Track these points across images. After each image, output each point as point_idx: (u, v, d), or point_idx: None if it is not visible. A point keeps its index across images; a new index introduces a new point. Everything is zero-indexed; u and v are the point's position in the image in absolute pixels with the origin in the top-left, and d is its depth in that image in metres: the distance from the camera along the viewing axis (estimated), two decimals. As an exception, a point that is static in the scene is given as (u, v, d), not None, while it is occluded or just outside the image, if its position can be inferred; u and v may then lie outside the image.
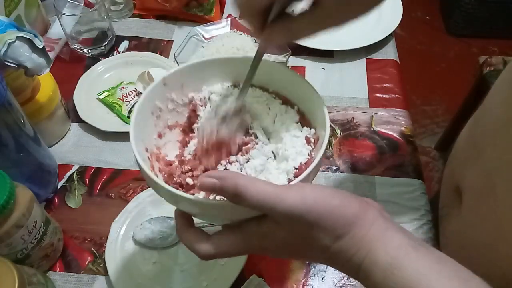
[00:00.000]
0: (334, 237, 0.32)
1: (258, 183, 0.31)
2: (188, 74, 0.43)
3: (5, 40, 0.50)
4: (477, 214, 0.48)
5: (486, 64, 1.33)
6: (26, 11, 0.78)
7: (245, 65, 0.40)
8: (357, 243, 0.32)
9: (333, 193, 0.33)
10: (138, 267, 0.57)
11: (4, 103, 0.52)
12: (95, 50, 0.82)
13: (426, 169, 1.64)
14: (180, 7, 0.86)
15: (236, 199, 0.31)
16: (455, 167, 0.58)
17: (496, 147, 0.45)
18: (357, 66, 0.81)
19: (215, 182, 0.31)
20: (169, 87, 0.42)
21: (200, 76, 0.44)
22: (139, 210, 0.61)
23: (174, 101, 0.44)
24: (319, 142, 0.39)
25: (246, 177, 0.32)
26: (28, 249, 0.52)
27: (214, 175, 0.32)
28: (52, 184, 0.65)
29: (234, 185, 0.31)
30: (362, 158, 0.69)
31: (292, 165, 0.38)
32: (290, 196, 0.31)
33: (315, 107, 0.40)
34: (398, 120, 0.73)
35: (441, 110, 1.88)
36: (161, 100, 0.42)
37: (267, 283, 0.55)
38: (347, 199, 0.33)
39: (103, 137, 0.71)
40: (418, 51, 2.07)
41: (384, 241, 0.32)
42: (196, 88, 0.44)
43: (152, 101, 0.41)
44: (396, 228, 0.33)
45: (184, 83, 0.44)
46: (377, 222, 0.33)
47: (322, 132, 0.38)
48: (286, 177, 0.37)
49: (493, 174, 0.45)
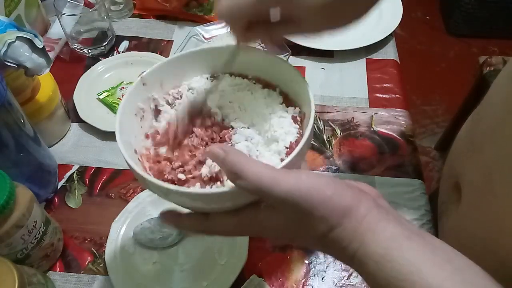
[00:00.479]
0: (327, 226, 0.33)
1: (258, 164, 0.32)
2: (166, 70, 0.43)
3: (5, 40, 0.50)
4: (476, 209, 0.49)
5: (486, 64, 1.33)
6: (26, 11, 0.78)
7: (222, 54, 0.42)
8: (350, 234, 0.33)
9: (328, 182, 0.33)
10: (138, 267, 0.57)
11: (4, 103, 0.52)
12: (95, 50, 0.82)
13: (426, 169, 1.64)
14: (180, 7, 0.86)
15: (233, 176, 0.32)
16: (455, 163, 0.58)
17: (494, 142, 0.45)
18: (357, 66, 0.81)
19: (220, 152, 0.32)
20: (148, 86, 0.42)
21: (178, 71, 0.44)
22: (139, 210, 0.61)
23: (155, 99, 0.43)
24: (305, 119, 0.39)
25: (247, 157, 0.33)
26: (28, 249, 0.52)
27: (223, 147, 0.33)
28: (52, 184, 0.65)
29: (235, 161, 0.31)
30: (362, 158, 0.69)
31: (282, 145, 0.38)
32: (286, 181, 0.31)
33: (297, 86, 0.41)
34: (398, 120, 0.73)
35: (441, 110, 1.88)
36: (143, 100, 0.42)
37: (267, 283, 0.55)
38: (340, 189, 0.33)
39: (103, 137, 0.71)
40: (418, 51, 2.07)
41: (377, 233, 0.32)
42: (176, 84, 0.44)
43: (133, 102, 0.41)
44: (390, 218, 0.33)
45: (163, 81, 0.43)
46: (370, 214, 0.33)
47: (308, 109, 0.38)
48: (279, 158, 0.38)
49: (491, 169, 0.45)
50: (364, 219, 0.33)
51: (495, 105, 0.47)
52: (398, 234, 0.32)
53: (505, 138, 0.43)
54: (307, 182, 0.32)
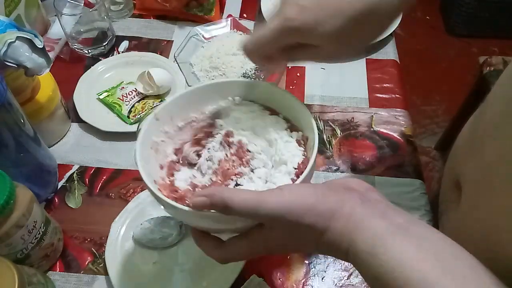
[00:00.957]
0: (318, 232, 0.35)
1: (242, 193, 0.35)
2: (177, 105, 0.46)
3: (5, 40, 0.50)
4: (476, 208, 0.49)
5: (486, 64, 1.33)
6: (26, 11, 0.78)
7: (228, 88, 0.47)
8: (339, 236, 0.34)
9: (309, 191, 0.35)
10: (138, 267, 0.57)
11: (4, 103, 0.52)
12: (95, 50, 0.82)
13: (426, 169, 1.64)
14: (180, 7, 0.86)
15: (225, 211, 0.34)
16: (455, 162, 0.58)
17: (495, 141, 0.46)
18: (357, 66, 0.81)
19: (205, 200, 0.35)
20: (161, 121, 0.45)
21: (187, 105, 0.47)
22: (139, 210, 0.61)
23: (167, 132, 0.46)
24: (309, 142, 0.44)
25: (230, 190, 0.36)
26: (28, 249, 0.52)
27: (203, 193, 0.35)
28: (52, 184, 0.65)
29: (221, 198, 0.34)
30: (362, 158, 0.69)
31: (291, 166, 0.42)
32: (269, 200, 0.34)
33: (299, 113, 0.45)
34: (398, 120, 0.73)
35: (441, 110, 1.88)
36: (156, 135, 0.45)
37: (267, 283, 0.55)
38: (322, 195, 0.35)
39: (103, 137, 0.71)
40: (418, 51, 2.07)
41: (362, 231, 0.34)
42: (185, 117, 0.47)
43: (149, 137, 0.44)
44: (375, 213, 0.34)
45: (173, 115, 0.46)
46: (354, 212, 0.34)
47: (311, 134, 0.42)
48: (289, 178, 0.41)
49: (492, 168, 0.45)
50: (350, 218, 0.34)
51: (497, 105, 0.48)
52: (382, 230, 0.33)
53: (506, 138, 0.43)
54: (289, 196, 0.34)
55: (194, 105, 0.47)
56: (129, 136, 0.70)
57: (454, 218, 0.55)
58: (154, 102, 0.74)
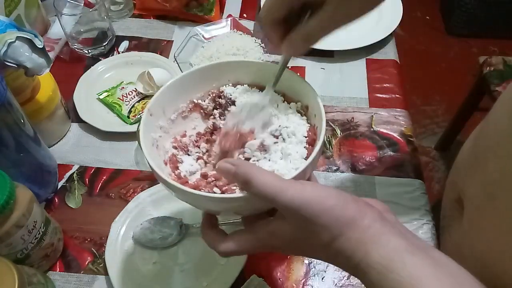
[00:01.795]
0: (331, 236, 0.34)
1: (266, 174, 0.34)
2: (165, 97, 0.45)
3: (5, 40, 0.50)
4: (478, 227, 0.48)
5: (486, 64, 1.33)
6: (26, 11, 0.78)
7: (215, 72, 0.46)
8: (353, 245, 0.34)
9: (331, 193, 0.34)
10: (138, 267, 0.57)
11: (4, 103, 0.52)
12: (95, 50, 0.82)
13: (426, 169, 1.64)
14: (180, 7, 0.86)
15: (245, 185, 0.34)
16: (458, 177, 0.57)
17: (498, 159, 0.45)
18: (357, 66, 0.81)
19: (230, 167, 0.35)
20: (155, 116, 0.44)
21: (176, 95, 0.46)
22: (139, 210, 0.61)
23: (162, 127, 0.45)
24: (310, 110, 0.44)
25: (257, 168, 0.35)
26: (28, 249, 0.52)
27: (231, 161, 0.36)
28: (52, 184, 0.65)
29: (245, 172, 0.34)
30: (362, 158, 0.69)
31: (300, 135, 0.42)
32: (290, 189, 0.33)
33: (294, 83, 0.45)
34: (398, 120, 0.73)
35: (441, 110, 1.88)
36: (154, 131, 0.44)
37: (267, 283, 0.55)
38: (344, 201, 0.34)
39: (103, 137, 0.71)
40: (418, 51, 2.07)
41: (380, 245, 0.33)
42: (175, 108, 0.46)
43: (148, 135, 0.43)
44: (394, 231, 0.34)
45: (165, 108, 0.45)
46: (374, 226, 0.34)
47: (311, 101, 0.43)
48: (303, 147, 0.42)
49: (494, 186, 0.45)
50: (368, 230, 0.34)
51: (499, 122, 0.47)
52: (401, 247, 0.33)
53: (508, 156, 0.43)
54: (310, 192, 0.34)
55: (183, 94, 0.46)
56: (129, 136, 0.70)
57: (456, 234, 0.54)
58: (154, 102, 0.74)
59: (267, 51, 0.80)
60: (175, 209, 0.61)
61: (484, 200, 0.47)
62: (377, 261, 0.32)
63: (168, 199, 0.62)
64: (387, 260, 0.32)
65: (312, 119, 0.44)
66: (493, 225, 0.45)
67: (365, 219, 0.34)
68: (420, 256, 0.32)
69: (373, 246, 0.33)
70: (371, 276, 0.33)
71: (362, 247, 0.33)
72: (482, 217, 0.47)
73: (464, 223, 0.51)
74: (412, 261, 0.32)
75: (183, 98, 0.47)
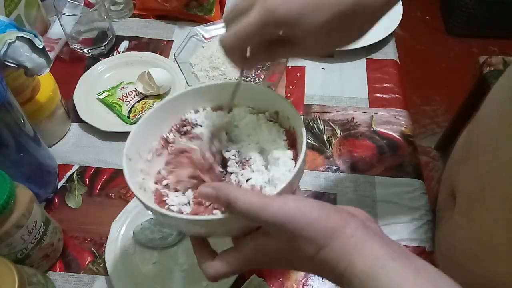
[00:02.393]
0: (316, 247, 0.34)
1: (247, 193, 0.35)
2: (139, 138, 0.44)
3: (5, 40, 0.50)
4: (467, 217, 0.49)
5: (486, 64, 1.33)
6: (26, 11, 0.78)
7: (181, 101, 0.46)
8: (337, 255, 0.34)
9: (313, 206, 0.35)
10: (138, 267, 0.57)
11: (4, 103, 0.52)
12: (95, 50, 0.82)
13: (426, 169, 1.64)
14: (180, 7, 0.86)
15: (228, 207, 0.35)
16: (451, 171, 0.58)
17: (486, 152, 0.46)
18: (357, 66, 0.81)
19: (211, 191, 0.36)
20: (133, 160, 0.43)
21: (147, 136, 0.45)
22: (139, 210, 0.61)
23: (142, 170, 0.44)
24: (298, 145, 0.42)
25: (236, 188, 0.36)
26: (28, 249, 0.52)
27: (211, 185, 0.36)
28: (52, 184, 0.65)
29: (226, 194, 0.34)
30: (362, 158, 0.69)
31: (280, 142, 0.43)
32: (273, 205, 0.34)
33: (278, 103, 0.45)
34: (398, 120, 0.73)
35: (441, 110, 1.88)
36: (136, 175, 0.43)
37: (267, 283, 0.55)
38: (327, 212, 0.35)
39: (103, 137, 0.71)
40: (418, 51, 2.07)
41: (363, 253, 0.33)
42: (149, 149, 0.45)
43: (134, 180, 0.41)
44: (376, 239, 0.34)
45: (140, 150, 0.44)
46: (356, 235, 0.34)
47: (300, 139, 0.41)
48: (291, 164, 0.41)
49: (483, 179, 0.46)
50: (350, 239, 0.34)
51: (489, 117, 0.48)
52: (383, 254, 0.33)
53: (497, 150, 0.44)
54: (293, 205, 0.34)
55: (153, 132, 0.46)
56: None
57: (448, 227, 0.55)
58: (154, 102, 0.74)
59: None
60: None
61: (474, 193, 0.48)
62: (360, 270, 0.33)
63: (168, 199, 0.62)
64: (369, 268, 0.32)
65: (286, 122, 0.44)
66: (482, 217, 0.46)
67: (348, 228, 0.34)
68: (401, 262, 0.32)
69: (357, 255, 0.33)
70: (355, 284, 0.33)
71: (346, 257, 0.33)
72: (472, 209, 0.48)
73: (456, 215, 0.52)
74: (393, 267, 0.32)
75: (154, 136, 0.46)
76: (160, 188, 0.44)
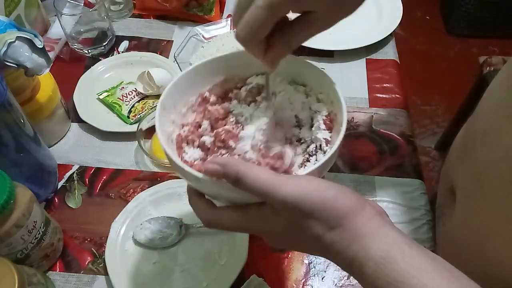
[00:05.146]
0: (327, 227, 0.33)
1: (258, 170, 0.33)
2: (177, 90, 0.44)
3: (5, 40, 0.50)
4: (468, 213, 0.49)
5: (486, 64, 1.33)
6: (26, 11, 0.78)
7: (224, 62, 0.44)
8: (351, 236, 0.33)
9: (329, 186, 0.34)
10: (138, 267, 0.57)
11: (4, 103, 0.52)
12: (95, 50, 0.82)
13: (426, 169, 1.64)
14: (180, 7, 0.86)
15: (236, 184, 0.33)
16: (450, 167, 0.58)
17: (485, 147, 0.46)
18: (357, 66, 0.81)
19: (218, 168, 0.33)
20: (167, 110, 0.43)
21: (186, 89, 0.45)
22: (139, 210, 0.61)
23: (174, 121, 0.44)
24: (335, 123, 0.42)
25: (247, 164, 0.34)
26: (28, 249, 0.52)
27: (218, 161, 0.34)
28: (52, 184, 0.65)
29: (235, 171, 0.33)
30: (362, 158, 0.69)
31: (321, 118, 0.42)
32: (285, 185, 0.33)
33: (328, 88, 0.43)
34: (398, 120, 0.73)
35: (441, 110, 1.88)
36: (167, 125, 0.43)
37: (267, 283, 0.55)
38: (342, 193, 0.34)
39: (103, 137, 0.71)
40: (418, 51, 2.07)
41: (379, 237, 0.33)
42: (185, 103, 0.45)
43: (164, 128, 0.41)
44: (392, 227, 0.34)
45: (176, 102, 0.44)
46: (373, 219, 0.34)
47: (340, 116, 0.40)
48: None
49: (482, 174, 0.46)
50: (367, 222, 0.33)
51: (487, 111, 0.48)
52: (400, 241, 0.33)
53: (495, 144, 0.44)
54: (307, 186, 0.33)
55: (192, 87, 0.45)
56: (129, 136, 0.70)
57: (449, 223, 0.55)
58: (154, 102, 0.74)
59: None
60: (175, 209, 0.61)
61: (474, 187, 0.48)
62: (375, 252, 0.32)
63: (168, 199, 0.62)
64: (385, 252, 0.32)
65: (329, 105, 0.42)
66: (482, 211, 0.46)
67: (364, 212, 0.34)
68: (418, 250, 0.32)
69: (372, 239, 0.33)
70: (368, 267, 0.32)
71: (360, 239, 0.33)
72: (472, 204, 0.48)
73: (457, 211, 0.52)
74: (411, 253, 0.32)
75: (193, 91, 0.45)
76: (181, 141, 0.43)
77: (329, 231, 0.33)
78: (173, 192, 0.62)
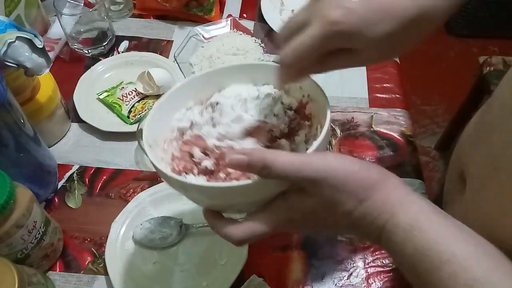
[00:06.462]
0: (357, 200, 0.34)
1: (283, 154, 0.34)
2: (155, 126, 0.43)
3: (5, 40, 0.50)
4: (481, 197, 0.49)
5: (486, 64, 1.33)
6: (26, 11, 0.78)
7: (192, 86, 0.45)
8: (380, 206, 0.34)
9: (354, 160, 0.35)
10: (138, 267, 0.57)
11: (4, 103, 0.52)
12: (95, 50, 0.82)
13: (426, 169, 1.64)
14: (180, 7, 0.86)
15: (264, 171, 0.33)
16: (461, 154, 0.58)
17: (501, 133, 0.46)
18: (357, 66, 0.81)
19: (242, 157, 0.33)
20: (153, 147, 0.42)
21: (165, 121, 0.44)
22: (139, 210, 0.61)
23: (162, 159, 0.43)
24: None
25: (270, 151, 0.34)
26: (28, 249, 0.52)
27: (241, 151, 0.34)
28: (52, 184, 0.65)
29: (261, 158, 0.33)
30: (362, 158, 0.69)
31: None
32: (314, 161, 0.33)
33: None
34: (398, 120, 0.73)
35: (441, 110, 1.88)
36: (158, 162, 0.41)
37: (267, 283, 0.55)
38: (367, 165, 0.35)
39: (103, 137, 0.71)
40: (418, 51, 2.06)
41: (406, 205, 0.34)
42: (165, 137, 0.44)
43: (158, 163, 0.40)
44: (417, 195, 0.35)
45: (156, 138, 0.43)
46: (399, 188, 0.35)
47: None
48: None
49: (498, 157, 0.45)
50: (393, 191, 0.34)
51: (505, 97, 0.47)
52: (426, 208, 0.34)
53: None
54: (334, 160, 0.34)
55: (168, 118, 0.45)
56: (129, 136, 0.70)
57: (458, 209, 0.55)
58: (154, 102, 0.74)
59: (267, 51, 0.80)
60: (175, 209, 0.61)
61: (487, 172, 0.47)
62: (403, 220, 0.33)
63: (168, 199, 0.62)
64: (413, 220, 0.33)
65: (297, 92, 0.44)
66: (496, 196, 0.45)
67: (389, 182, 0.35)
68: (444, 217, 0.33)
69: (400, 207, 0.33)
70: (397, 236, 0.33)
71: (389, 208, 0.34)
72: (485, 189, 0.48)
73: (467, 197, 0.52)
74: (438, 220, 0.33)
75: (168, 125, 0.45)
76: (179, 173, 0.43)
77: (358, 204, 0.34)
78: (173, 192, 0.62)
